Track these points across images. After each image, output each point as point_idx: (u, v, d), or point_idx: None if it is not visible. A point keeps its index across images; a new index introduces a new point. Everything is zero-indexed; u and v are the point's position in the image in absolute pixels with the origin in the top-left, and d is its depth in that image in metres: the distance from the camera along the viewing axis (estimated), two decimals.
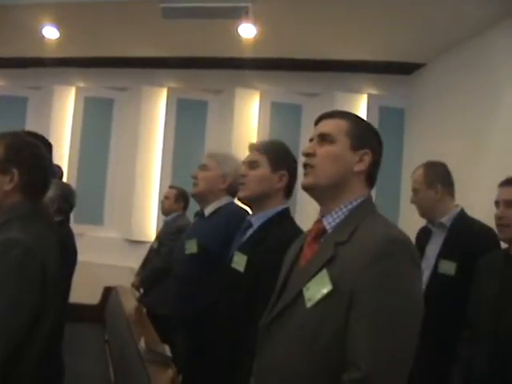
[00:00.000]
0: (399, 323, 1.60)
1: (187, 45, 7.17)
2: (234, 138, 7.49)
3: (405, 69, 7.38)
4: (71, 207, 4.57)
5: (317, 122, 2.01)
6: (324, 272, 1.72)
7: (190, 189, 5.69)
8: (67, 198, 4.48)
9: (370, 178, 1.93)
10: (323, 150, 1.88)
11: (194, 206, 6.24)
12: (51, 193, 4.18)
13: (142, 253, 6.27)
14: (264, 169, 2.70)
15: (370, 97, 7.59)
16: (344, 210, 1.85)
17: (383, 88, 7.60)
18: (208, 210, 3.55)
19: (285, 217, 2.66)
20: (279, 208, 2.67)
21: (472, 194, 4.80)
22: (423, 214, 3.74)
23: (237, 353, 2.29)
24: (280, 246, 2.18)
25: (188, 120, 8.03)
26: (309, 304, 1.71)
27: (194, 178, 3.62)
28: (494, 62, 5.60)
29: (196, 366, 2.67)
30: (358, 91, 7.61)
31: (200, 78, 7.92)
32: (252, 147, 2.84)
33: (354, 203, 1.86)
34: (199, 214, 3.68)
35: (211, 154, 3.74)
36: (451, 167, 3.81)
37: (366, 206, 1.87)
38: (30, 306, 2.03)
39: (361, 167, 1.88)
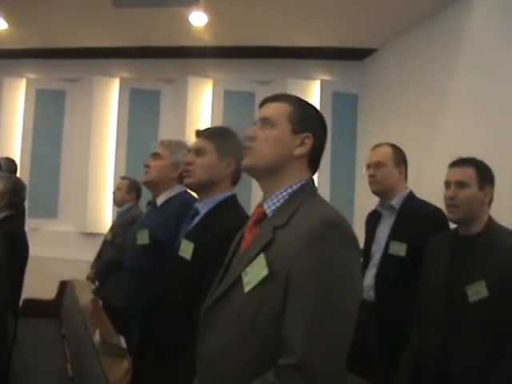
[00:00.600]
0: (335, 307, 1.59)
1: (139, 34, 7.12)
2: (187, 126, 7.44)
3: (357, 54, 7.45)
4: (22, 201, 4.52)
5: (261, 105, 1.99)
6: (261, 256, 1.70)
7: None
8: (18, 191, 4.43)
9: (313, 161, 1.92)
10: (263, 134, 1.87)
11: (147, 196, 6.23)
12: (1, 187, 4.14)
13: (98, 245, 6.20)
14: (211, 156, 2.68)
15: (323, 83, 7.63)
16: (284, 193, 1.84)
17: (336, 74, 7.66)
18: (160, 200, 3.52)
19: (232, 203, 2.65)
20: (226, 195, 2.65)
21: (424, 177, 4.85)
22: (380, 191, 3.68)
23: (186, 341, 2.28)
24: (227, 233, 2.17)
25: (141, 110, 7.98)
26: (246, 289, 1.70)
27: (146, 166, 3.58)
28: (444, 46, 5.69)
29: (148, 355, 2.65)
30: (311, 77, 7.65)
31: (152, 68, 7.88)
32: (199, 134, 2.81)
33: (295, 187, 1.85)
34: (151, 204, 3.65)
35: (163, 142, 3.70)
36: (404, 150, 3.83)
37: (306, 190, 1.85)
38: None
39: (301, 151, 1.86)
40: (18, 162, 7.11)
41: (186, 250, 2.48)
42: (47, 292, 6.86)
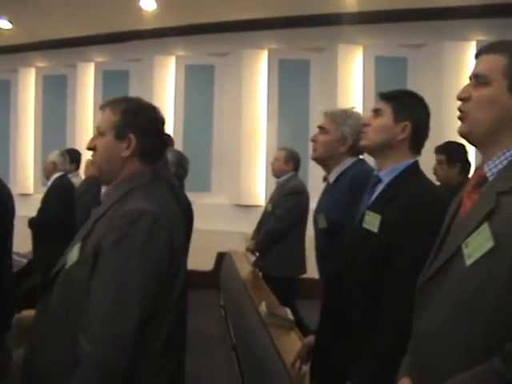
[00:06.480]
0: None
1: (285, 4, 7.09)
2: (338, 95, 7.32)
3: None
4: (186, 173, 4.62)
5: (476, 57, 1.77)
6: (485, 226, 1.54)
7: (297, 149, 5.60)
8: (183, 164, 4.54)
9: None
10: (477, 94, 1.68)
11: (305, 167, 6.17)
12: (168, 159, 4.22)
13: (252, 217, 6.25)
14: (386, 118, 2.52)
15: (479, 44, 7.19)
16: (507, 154, 1.64)
17: (492, 33, 7.19)
18: (332, 177, 3.42)
19: (415, 172, 2.50)
20: (409, 161, 2.50)
21: None
22: None
23: (372, 312, 2.20)
24: (416, 203, 2.14)
25: (291, 80, 7.95)
26: (468, 262, 1.55)
27: (313, 141, 3.48)
28: None
29: (330, 331, 2.58)
30: (466, 38, 7.27)
31: (300, 37, 7.82)
32: (380, 96, 2.66)
33: None
34: (326, 180, 3.58)
35: (328, 113, 3.50)
36: None
37: None
38: (159, 277, 2.00)
39: None
40: None
41: (372, 222, 2.33)
42: (205, 263, 7.05)
